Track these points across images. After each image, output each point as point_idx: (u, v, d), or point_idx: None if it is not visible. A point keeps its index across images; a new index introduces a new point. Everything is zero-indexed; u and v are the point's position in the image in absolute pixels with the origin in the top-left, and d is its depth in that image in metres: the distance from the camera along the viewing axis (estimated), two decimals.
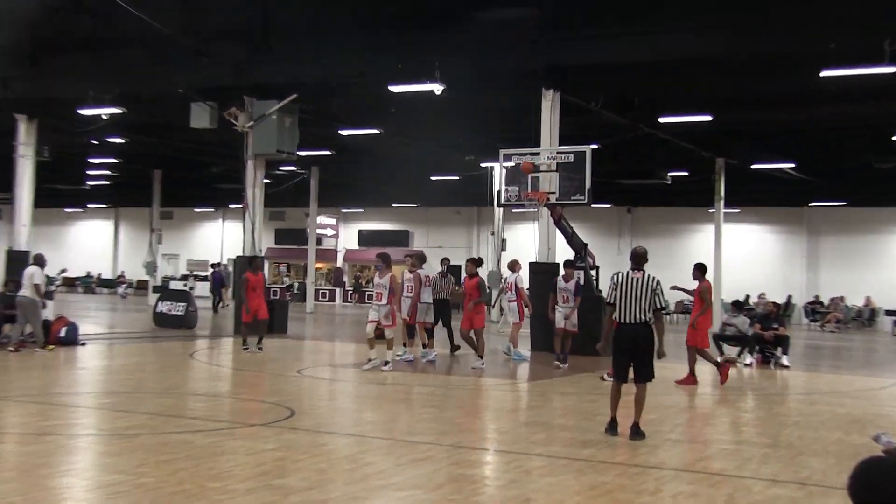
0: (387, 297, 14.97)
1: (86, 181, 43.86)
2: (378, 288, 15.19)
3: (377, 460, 8.24)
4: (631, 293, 9.73)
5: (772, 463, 8.76)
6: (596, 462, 8.47)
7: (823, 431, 10.74)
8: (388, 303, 14.97)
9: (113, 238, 56.91)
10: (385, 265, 15.11)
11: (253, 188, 23.37)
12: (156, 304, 25.90)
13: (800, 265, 41.32)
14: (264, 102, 22.59)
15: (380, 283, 15.13)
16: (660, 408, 12.08)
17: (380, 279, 15.16)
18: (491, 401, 13.15)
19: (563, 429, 10.32)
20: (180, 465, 7.71)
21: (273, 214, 48.22)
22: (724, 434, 10.58)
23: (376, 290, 15.25)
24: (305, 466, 7.87)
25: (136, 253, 50.02)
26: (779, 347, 18.73)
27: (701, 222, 40.87)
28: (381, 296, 15.09)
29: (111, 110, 24.50)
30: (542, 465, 8.33)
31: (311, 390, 13.54)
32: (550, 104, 20.19)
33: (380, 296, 15.12)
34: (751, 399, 14.35)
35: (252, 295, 18.43)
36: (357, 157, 34.66)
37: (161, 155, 35.84)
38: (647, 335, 9.73)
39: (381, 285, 15.10)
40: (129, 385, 13.33)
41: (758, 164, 30.39)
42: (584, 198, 18.97)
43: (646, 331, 9.73)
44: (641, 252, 10.09)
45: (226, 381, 14.66)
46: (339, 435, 9.59)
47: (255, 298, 18.50)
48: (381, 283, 15.10)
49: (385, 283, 14.99)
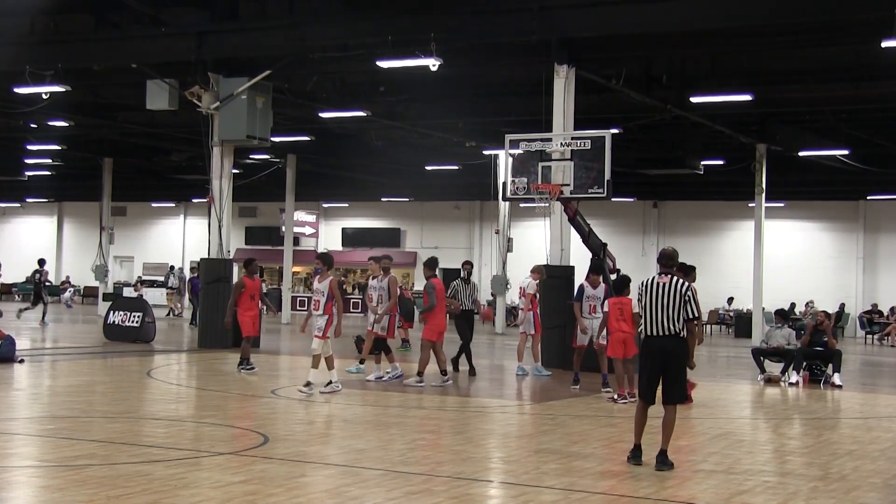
0: (324, 306, 14.75)
1: (23, 171, 43.83)
2: (316, 294, 14.93)
3: (364, 494, 8.27)
4: (658, 301, 9.78)
5: (822, 498, 8.79)
6: (617, 496, 8.49)
7: (883, 462, 10.77)
8: (325, 312, 14.74)
9: (56, 237, 56.84)
10: (325, 267, 14.99)
11: (219, 179, 23.40)
12: (107, 314, 25.91)
13: (854, 268, 41.33)
14: (232, 80, 22.61)
15: (318, 289, 14.89)
16: (690, 433, 12.12)
17: (318, 284, 14.94)
18: (495, 425, 13.17)
19: (579, 457, 10.35)
20: (136, 500, 7.73)
21: (243, 210, 48.21)
22: (765, 464, 10.62)
23: (314, 296, 14.99)
24: (281, 502, 7.89)
25: (84, 255, 49.96)
26: (829, 364, 18.76)
27: (739, 219, 40.85)
28: (318, 304, 14.82)
29: (52, 88, 24.51)
30: (554, 499, 8.35)
31: (287, 413, 13.54)
32: (564, 82, 20.21)
33: (317, 304, 14.85)
34: (797, 424, 14.39)
35: (250, 304, 18.45)
36: (340, 144, 34.69)
37: (112, 141, 35.86)
38: (677, 349, 9.77)
39: (319, 291, 14.86)
40: (75, 408, 13.33)
41: (805, 150, 30.42)
42: (603, 190, 18.97)
43: (676, 344, 9.77)
44: (670, 253, 10.14)
45: (189, 403, 14.67)
46: (320, 465, 9.61)
47: (253, 308, 18.56)
48: (319, 289, 14.87)
49: (323, 289, 14.78)
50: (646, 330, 9.81)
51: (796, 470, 10.13)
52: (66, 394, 15.03)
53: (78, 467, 9.06)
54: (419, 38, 19.94)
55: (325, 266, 15.05)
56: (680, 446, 10.56)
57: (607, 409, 14.37)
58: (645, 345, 9.85)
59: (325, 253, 15.68)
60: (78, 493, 7.98)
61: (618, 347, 14.88)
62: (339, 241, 50.18)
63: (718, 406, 15.58)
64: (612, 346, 14.98)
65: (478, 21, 20.30)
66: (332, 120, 28.98)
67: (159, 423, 12.23)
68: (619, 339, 14.88)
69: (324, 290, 14.78)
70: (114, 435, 11.01)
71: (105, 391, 15.54)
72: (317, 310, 14.87)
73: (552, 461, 10.06)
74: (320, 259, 15.27)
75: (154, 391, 15.78)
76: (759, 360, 19.14)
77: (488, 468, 10.15)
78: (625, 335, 14.85)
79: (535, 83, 22.24)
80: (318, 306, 14.83)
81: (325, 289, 14.79)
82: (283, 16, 22.44)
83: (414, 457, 10.20)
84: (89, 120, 30.75)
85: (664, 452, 9.75)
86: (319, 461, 9.83)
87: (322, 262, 15.16)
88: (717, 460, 10.69)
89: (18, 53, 23.63)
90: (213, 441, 11.07)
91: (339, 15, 22.09)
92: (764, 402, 16.69)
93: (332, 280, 14.94)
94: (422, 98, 26.88)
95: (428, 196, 45.96)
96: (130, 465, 9.24)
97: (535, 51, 20.66)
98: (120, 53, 23.43)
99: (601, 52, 21.21)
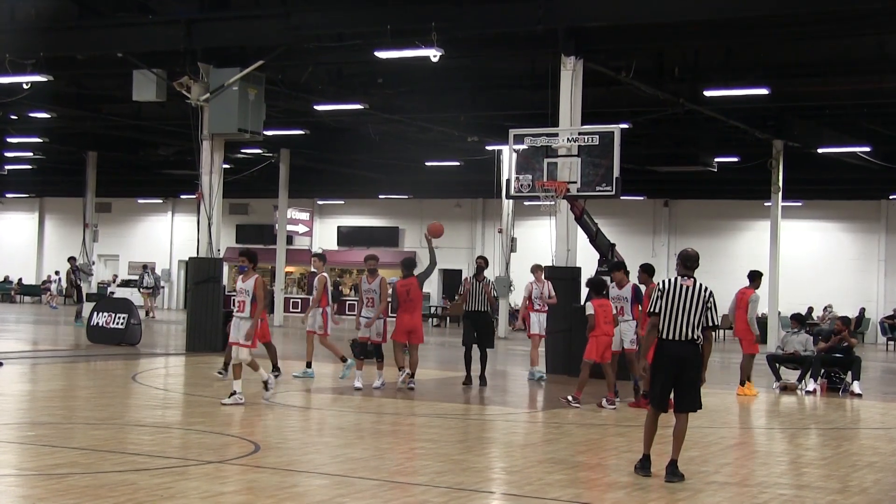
0: (249, 308, 14.13)
1: (3, 165, 43.83)
2: (240, 294, 14.30)
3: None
4: (680, 304, 9.72)
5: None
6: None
7: None
8: (250, 315, 14.12)
9: (37, 235, 56.87)
10: (251, 264, 14.41)
11: (209, 175, 23.40)
12: (90, 315, 25.90)
13: (875, 271, 41.32)
14: (223, 71, 22.60)
15: (242, 289, 14.28)
16: (702, 443, 12.12)
17: (242, 283, 14.31)
18: (497, 433, 13.19)
19: (585, 467, 10.35)
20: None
21: (234, 207, 48.22)
22: (781, 476, 10.62)
23: (237, 296, 14.37)
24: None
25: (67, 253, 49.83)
26: (849, 371, 18.77)
27: (754, 218, 40.88)
28: (242, 305, 14.23)
29: (33, 78, 24.49)
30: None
31: (279, 420, 13.56)
32: (571, 74, 20.22)
33: (241, 305, 14.25)
34: (814, 434, 14.39)
35: None
36: (336, 138, 34.69)
37: (96, 134, 35.84)
38: (693, 356, 9.79)
39: (243, 291, 14.26)
40: (57, 414, 13.35)
41: (824, 147, 30.42)
42: (612, 188, 19.00)
43: (692, 351, 9.79)
44: (694, 255, 10.10)
45: (176, 409, 14.69)
46: (314, 474, 9.62)
47: None
48: (243, 289, 14.26)
49: (248, 289, 14.17)
50: (663, 333, 9.78)
51: (813, 482, 10.13)
52: (47, 399, 15.03)
53: (59, 476, 9.07)
54: (419, 28, 19.94)
55: (250, 263, 14.44)
56: (691, 457, 10.56)
57: (615, 418, 14.38)
58: (660, 350, 9.84)
59: (248, 249, 14.85)
60: (59, 503, 7.98)
61: (600, 351, 15.00)
62: (335, 240, 50.17)
63: (732, 414, 15.59)
64: (598, 349, 15.02)
65: (481, 10, 20.29)
66: (328, 113, 28.98)
67: (145, 430, 12.24)
68: (605, 343, 15.01)
69: (248, 289, 14.16)
70: (97, 442, 11.02)
71: (88, 396, 15.54)
72: (241, 311, 14.23)
73: (557, 471, 10.06)
74: (245, 256, 14.56)
75: (140, 396, 15.79)
76: (774, 367, 19.16)
77: (490, 479, 10.16)
78: (609, 339, 15.01)
79: (540, 75, 22.24)
80: (243, 308, 14.18)
81: (249, 288, 14.16)
82: (277, 3, 22.42)
83: (412, 466, 10.21)
84: (72, 111, 30.73)
85: (675, 463, 9.76)
86: (313, 470, 9.83)
87: (247, 260, 14.49)
88: (730, 472, 10.70)
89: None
90: (201, 449, 11.07)
91: (336, 3, 22.08)
92: (779, 410, 16.70)
93: (257, 279, 14.26)
94: (422, 90, 26.88)
95: (428, 193, 45.95)
96: (114, 473, 9.25)
97: (541, 41, 20.65)
98: (105, 42, 23.42)
99: (610, 43, 21.20)
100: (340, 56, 23.32)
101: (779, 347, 20.07)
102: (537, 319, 19.30)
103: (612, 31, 20.56)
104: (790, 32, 20.78)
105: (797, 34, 20.97)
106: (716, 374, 21.36)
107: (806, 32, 20.82)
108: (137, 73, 23.48)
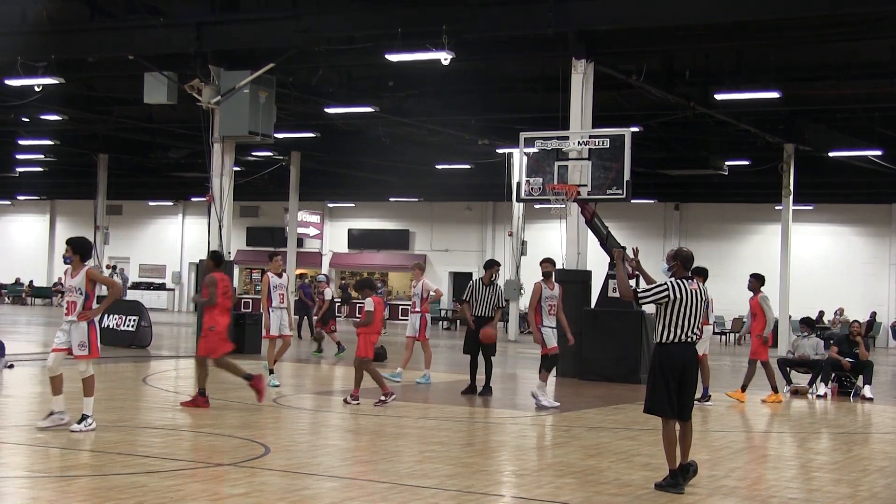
0: (82, 306, 11.72)
1: (15, 168, 43.97)
2: (69, 294, 11.86)
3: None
4: (688, 308, 9.51)
5: None
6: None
7: None
8: (79, 319, 11.76)
9: (48, 237, 57.02)
10: (77, 255, 11.83)
11: (220, 178, 23.44)
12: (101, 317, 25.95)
13: (887, 275, 41.23)
14: (233, 73, 22.66)
15: (71, 286, 11.79)
16: (712, 447, 12.10)
17: (71, 279, 11.82)
18: (508, 436, 13.18)
19: (595, 471, 10.34)
20: None
21: (244, 210, 48.29)
22: (791, 481, 10.59)
23: (67, 296, 11.96)
24: None
25: None
26: (860, 375, 18.72)
27: (765, 222, 40.84)
28: (72, 306, 11.76)
29: (45, 81, 24.56)
30: None
31: (289, 423, 13.59)
32: (582, 77, 20.23)
33: (71, 306, 11.78)
34: (825, 438, 14.36)
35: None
36: (346, 141, 34.74)
37: (107, 136, 35.98)
38: (694, 359, 9.75)
39: (72, 289, 11.77)
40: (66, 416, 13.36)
41: (836, 151, 30.38)
42: (622, 191, 19.00)
43: (693, 353, 9.75)
44: (692, 255, 9.92)
45: (186, 411, 14.69)
46: (323, 477, 9.62)
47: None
48: (72, 286, 11.78)
49: (78, 285, 11.69)
50: (667, 336, 9.48)
51: (824, 487, 10.10)
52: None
53: (69, 478, 9.09)
54: (430, 31, 19.95)
55: (75, 254, 11.84)
56: (701, 461, 10.53)
57: (625, 421, 14.36)
58: (662, 353, 9.50)
59: (78, 238, 12.19)
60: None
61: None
62: (345, 243, 50.23)
63: (741, 419, 15.56)
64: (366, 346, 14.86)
65: (492, 13, 20.32)
66: (338, 116, 29.00)
67: (155, 433, 12.26)
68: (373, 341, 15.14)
69: (79, 286, 11.68)
70: (107, 444, 11.04)
71: (98, 398, 15.46)
72: (69, 314, 11.77)
73: (566, 475, 10.05)
74: (70, 245, 11.97)
75: (150, 399, 15.83)
76: (785, 371, 19.09)
77: (500, 482, 10.16)
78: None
79: (551, 78, 22.24)
80: (73, 309, 11.72)
81: (80, 285, 11.68)
82: (287, 6, 22.47)
83: (422, 469, 10.20)
84: (83, 114, 30.84)
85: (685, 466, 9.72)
86: (323, 473, 9.83)
87: (72, 250, 11.88)
88: (739, 476, 10.67)
89: (9, 44, 23.66)
90: (211, 451, 11.09)
91: (346, 5, 22.13)
92: (790, 415, 16.64)
93: (87, 271, 11.77)
94: (432, 93, 26.91)
95: (438, 196, 46.01)
96: (124, 475, 9.27)
97: (552, 44, 20.67)
98: (116, 44, 23.49)
99: (621, 46, 21.21)
100: (351, 59, 23.36)
101: (789, 351, 20.02)
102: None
103: (622, 35, 20.58)
104: (801, 36, 20.78)
105: (808, 37, 20.96)
106: (726, 377, 21.33)
107: (817, 36, 20.80)
108: (148, 75, 23.53)
